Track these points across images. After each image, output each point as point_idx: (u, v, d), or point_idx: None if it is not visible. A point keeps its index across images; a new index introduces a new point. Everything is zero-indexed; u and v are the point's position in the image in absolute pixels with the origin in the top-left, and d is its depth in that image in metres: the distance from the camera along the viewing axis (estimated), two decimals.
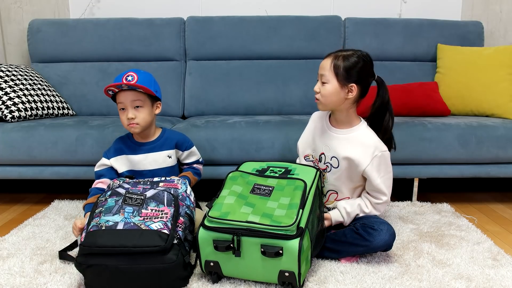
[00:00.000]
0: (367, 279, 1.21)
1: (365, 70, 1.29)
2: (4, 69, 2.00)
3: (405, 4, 2.53)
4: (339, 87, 1.28)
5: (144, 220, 1.14)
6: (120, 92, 1.41)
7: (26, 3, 2.51)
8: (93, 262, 1.09)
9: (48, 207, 1.84)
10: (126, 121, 1.42)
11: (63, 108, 2.17)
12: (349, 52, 1.29)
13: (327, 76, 1.28)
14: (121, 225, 1.12)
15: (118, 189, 1.24)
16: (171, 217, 1.16)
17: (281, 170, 1.31)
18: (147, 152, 1.50)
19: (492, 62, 2.10)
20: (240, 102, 2.29)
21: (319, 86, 1.31)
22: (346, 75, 1.27)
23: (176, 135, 1.57)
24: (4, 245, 1.45)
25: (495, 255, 1.36)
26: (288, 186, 1.21)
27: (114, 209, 1.17)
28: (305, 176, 1.27)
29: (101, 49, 2.35)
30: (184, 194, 1.28)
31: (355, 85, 1.28)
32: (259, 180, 1.26)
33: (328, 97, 1.30)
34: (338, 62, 1.27)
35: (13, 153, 1.77)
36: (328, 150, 1.38)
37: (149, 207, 1.18)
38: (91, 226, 1.13)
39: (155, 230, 1.11)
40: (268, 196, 1.19)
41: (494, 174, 1.86)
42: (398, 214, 1.74)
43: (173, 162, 1.54)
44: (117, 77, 1.41)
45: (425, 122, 1.85)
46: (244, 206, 1.15)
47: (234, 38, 2.35)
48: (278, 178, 1.26)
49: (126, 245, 1.07)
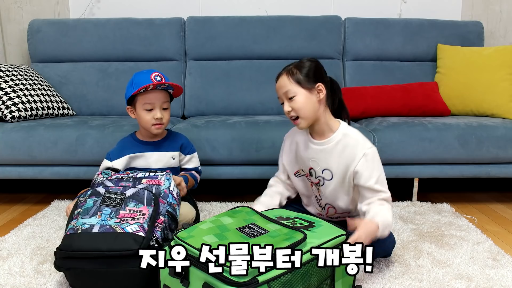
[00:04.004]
0: (367, 279, 1.21)
1: (320, 69, 1.30)
2: (4, 69, 2.00)
3: (405, 4, 2.53)
4: (308, 93, 1.25)
5: (121, 222, 1.13)
6: (150, 92, 1.40)
7: (26, 3, 2.51)
8: (70, 265, 1.10)
9: (48, 207, 1.84)
10: (153, 120, 1.42)
11: (63, 108, 2.17)
12: (296, 62, 1.30)
13: (291, 90, 1.25)
14: (97, 228, 1.11)
15: (99, 188, 1.23)
16: (148, 218, 1.15)
17: (303, 223, 1.14)
18: (152, 151, 1.50)
19: (492, 62, 2.10)
20: (240, 102, 2.29)
21: (288, 105, 1.27)
22: (308, 79, 1.25)
23: (181, 137, 1.57)
24: (4, 245, 1.45)
25: (495, 255, 1.36)
26: (283, 235, 1.01)
27: (91, 211, 1.16)
28: (320, 233, 1.07)
29: (101, 49, 2.35)
30: (166, 191, 1.26)
31: (320, 84, 1.27)
32: (260, 221, 1.10)
33: (304, 108, 1.25)
34: (295, 72, 1.26)
35: (13, 153, 1.77)
36: (316, 164, 1.32)
37: (127, 207, 1.17)
38: (68, 228, 1.14)
39: (130, 233, 1.10)
40: (251, 238, 1.00)
41: (494, 174, 1.86)
42: (398, 214, 1.74)
43: (176, 164, 1.54)
44: (141, 74, 1.40)
45: (425, 122, 1.85)
46: (212, 236, 0.99)
47: (234, 38, 2.35)
48: (283, 226, 1.07)
49: (101, 249, 1.07)
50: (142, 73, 1.41)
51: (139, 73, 1.42)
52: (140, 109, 1.43)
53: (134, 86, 1.39)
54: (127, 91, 1.44)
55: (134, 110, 1.46)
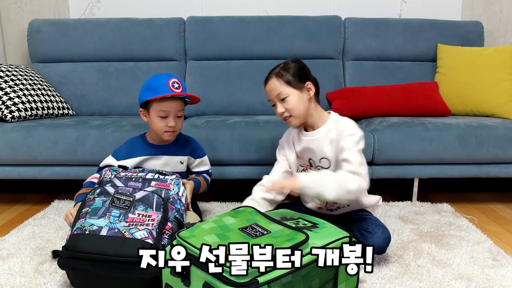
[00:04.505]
0: (367, 279, 1.21)
1: (305, 69, 1.36)
2: (4, 69, 2.00)
3: (405, 4, 2.53)
4: (299, 93, 1.31)
5: (129, 226, 1.11)
6: (166, 100, 1.36)
7: (26, 3, 2.51)
8: (74, 265, 1.08)
9: (48, 207, 1.84)
10: (165, 128, 1.39)
11: (63, 108, 2.17)
12: (282, 64, 1.34)
13: (283, 91, 1.30)
14: (105, 231, 1.09)
15: (108, 187, 1.21)
16: (157, 225, 1.13)
17: (306, 224, 1.13)
18: (161, 155, 1.48)
19: (492, 62, 2.10)
20: (240, 102, 2.29)
21: (281, 106, 1.31)
22: (298, 79, 1.31)
23: (191, 141, 1.56)
24: (4, 245, 1.45)
25: (495, 255, 1.36)
26: (286, 236, 1.01)
27: (100, 212, 1.14)
28: (323, 234, 1.07)
29: (101, 49, 2.35)
30: (175, 197, 1.24)
31: (309, 82, 1.33)
32: (262, 222, 1.10)
33: (296, 108, 1.30)
34: (284, 74, 1.31)
35: (13, 153, 1.77)
36: (313, 154, 1.36)
37: (136, 211, 1.15)
38: (76, 228, 1.12)
39: (139, 240, 1.08)
40: (253, 238, 1.00)
41: (494, 174, 1.86)
42: (398, 214, 1.74)
43: (184, 168, 1.53)
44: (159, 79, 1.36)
45: (425, 122, 1.85)
46: (213, 236, 0.99)
47: (234, 38, 2.35)
48: (285, 227, 1.07)
49: (108, 253, 1.05)
50: (160, 77, 1.36)
51: (157, 77, 1.37)
52: (154, 115, 1.39)
53: (151, 91, 1.35)
54: (142, 94, 1.39)
55: (147, 113, 1.42)
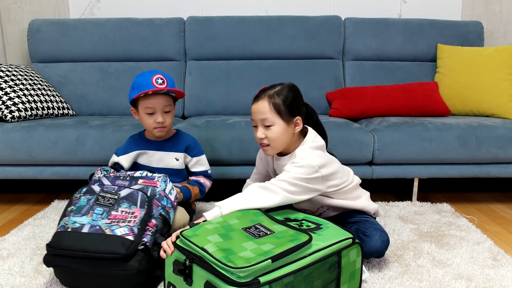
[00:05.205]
0: (367, 279, 1.21)
1: (299, 99, 1.27)
2: (4, 69, 2.00)
3: (405, 4, 2.53)
4: (286, 125, 1.22)
5: (111, 223, 1.12)
6: (151, 96, 1.38)
7: (26, 3, 2.51)
8: (57, 262, 1.11)
9: (48, 207, 1.84)
10: (154, 124, 1.41)
11: (63, 108, 2.17)
12: (277, 88, 1.24)
13: (269, 119, 1.21)
14: (87, 228, 1.11)
15: (94, 186, 1.23)
16: (139, 221, 1.14)
17: (310, 225, 1.13)
18: (156, 150, 1.50)
19: (492, 62, 2.10)
20: (240, 102, 2.29)
21: (263, 132, 1.23)
22: (289, 111, 1.22)
23: (188, 139, 1.56)
24: (4, 245, 1.45)
25: (495, 255, 1.36)
26: (289, 237, 1.00)
27: (84, 210, 1.16)
28: (326, 235, 1.06)
29: (101, 49, 2.35)
30: (162, 193, 1.25)
31: (299, 117, 1.24)
32: (266, 222, 1.09)
33: (278, 140, 1.23)
34: (276, 100, 1.21)
35: (13, 153, 1.77)
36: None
37: (120, 208, 1.16)
38: (59, 226, 1.14)
39: (119, 236, 1.09)
40: (256, 238, 0.99)
41: (494, 174, 1.86)
42: (398, 214, 1.74)
43: (180, 165, 1.53)
44: (142, 77, 1.38)
45: (425, 122, 1.85)
46: (216, 235, 0.99)
47: (234, 38, 2.35)
48: (289, 227, 1.06)
49: (88, 250, 1.07)
50: (144, 75, 1.38)
51: (140, 75, 1.40)
52: (142, 113, 1.42)
53: (135, 90, 1.38)
54: (129, 93, 1.43)
55: (137, 112, 1.45)
